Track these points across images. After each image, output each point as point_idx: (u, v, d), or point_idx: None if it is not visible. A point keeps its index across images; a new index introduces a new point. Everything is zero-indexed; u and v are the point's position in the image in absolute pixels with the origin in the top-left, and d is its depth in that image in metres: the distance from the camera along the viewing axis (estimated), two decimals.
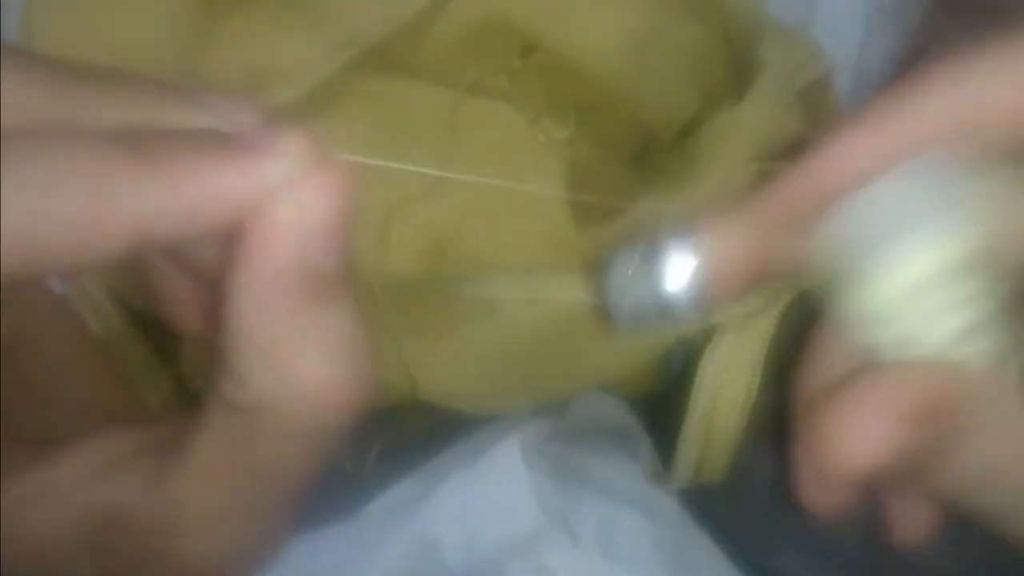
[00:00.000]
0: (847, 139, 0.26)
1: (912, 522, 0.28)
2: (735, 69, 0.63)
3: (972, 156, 0.24)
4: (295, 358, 0.25)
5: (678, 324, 0.27)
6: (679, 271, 0.26)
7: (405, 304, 0.51)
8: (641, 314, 0.27)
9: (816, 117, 0.66)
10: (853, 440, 0.23)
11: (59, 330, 0.34)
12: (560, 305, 0.48)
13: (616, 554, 0.50)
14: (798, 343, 0.43)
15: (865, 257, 0.25)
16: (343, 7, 0.51)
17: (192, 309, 0.32)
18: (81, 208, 0.21)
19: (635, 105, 0.56)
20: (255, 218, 0.24)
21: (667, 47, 0.56)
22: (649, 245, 0.27)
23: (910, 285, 0.24)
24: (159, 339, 0.60)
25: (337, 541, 0.52)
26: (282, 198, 0.23)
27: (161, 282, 0.32)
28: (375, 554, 0.49)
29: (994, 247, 0.24)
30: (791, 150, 0.48)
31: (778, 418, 0.50)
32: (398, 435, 0.58)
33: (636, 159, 0.60)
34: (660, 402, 0.59)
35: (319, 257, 0.24)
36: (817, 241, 0.26)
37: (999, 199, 0.24)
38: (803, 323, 0.48)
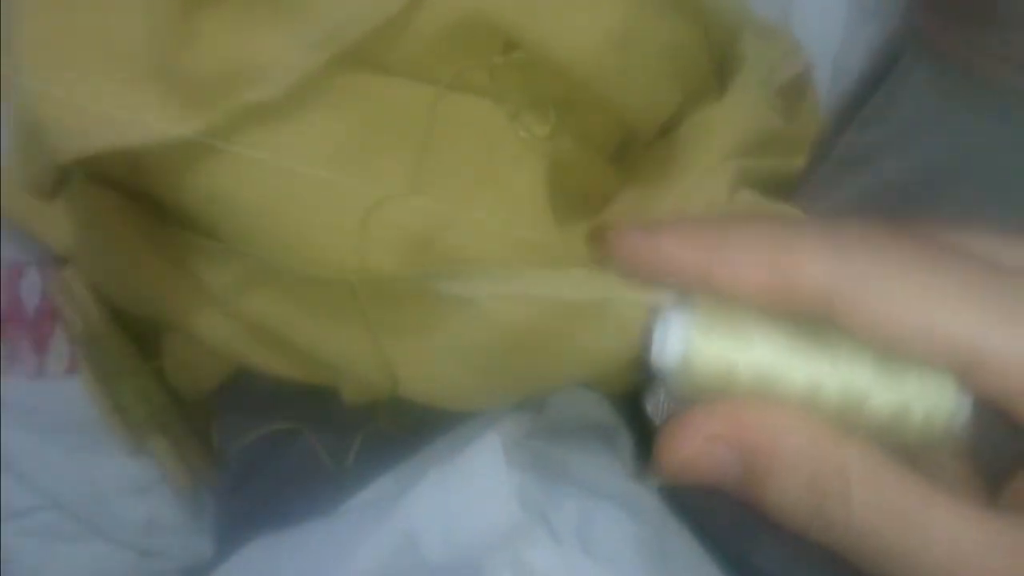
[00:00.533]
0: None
1: None
2: (715, 65, 0.64)
3: None
4: None
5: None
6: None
7: (385, 302, 0.51)
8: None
9: (796, 113, 0.67)
10: (672, 451, 0.27)
11: None
12: (541, 301, 0.48)
13: (596, 549, 0.50)
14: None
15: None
16: (322, 3, 0.51)
17: None
18: None
19: (616, 101, 0.56)
20: None
21: (648, 43, 0.56)
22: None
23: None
24: (140, 335, 0.60)
25: (318, 537, 0.52)
26: None
27: None
28: (355, 549, 0.49)
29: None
30: None
31: None
32: (378, 431, 0.58)
33: (617, 155, 0.60)
34: (641, 398, 0.59)
35: None
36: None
37: None
38: None
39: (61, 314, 0.58)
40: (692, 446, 0.27)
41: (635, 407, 0.60)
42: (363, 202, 0.50)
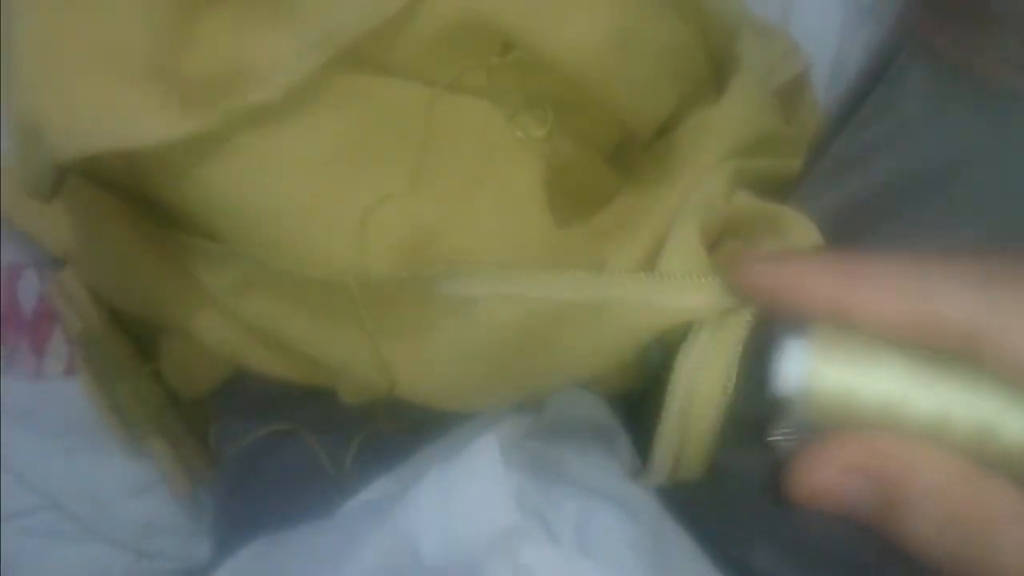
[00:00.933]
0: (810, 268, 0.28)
1: None
2: (713, 66, 0.64)
3: None
4: None
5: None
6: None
7: (383, 303, 0.50)
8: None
9: (794, 114, 0.67)
10: (807, 479, 0.27)
11: None
12: (539, 302, 0.48)
13: (594, 550, 0.50)
14: (774, 340, 0.44)
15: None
16: (320, 5, 0.51)
17: None
18: None
19: (614, 102, 0.56)
20: None
21: (646, 44, 0.56)
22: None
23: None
24: (137, 337, 0.60)
25: (316, 538, 0.52)
26: None
27: None
28: (354, 551, 0.49)
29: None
30: None
31: (756, 415, 0.50)
32: (377, 433, 0.58)
33: (615, 156, 0.60)
34: (639, 398, 0.59)
35: None
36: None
37: None
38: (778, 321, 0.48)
39: (59, 315, 0.58)
40: (827, 475, 0.27)
41: (633, 408, 0.60)
42: (361, 203, 0.50)
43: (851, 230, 0.52)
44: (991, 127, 0.49)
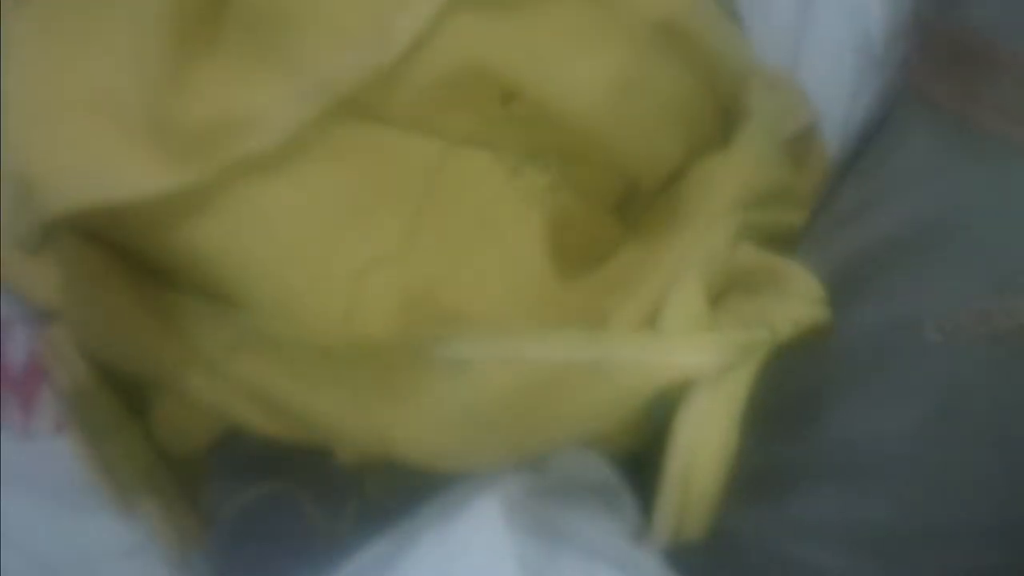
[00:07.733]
0: None
1: None
2: (721, 116, 0.63)
3: None
4: None
5: None
6: None
7: (376, 365, 0.49)
8: None
9: (802, 166, 0.66)
10: None
11: None
12: (535, 364, 0.47)
13: None
14: (777, 399, 0.42)
15: None
16: (317, 53, 0.50)
17: None
18: None
19: (617, 152, 0.56)
20: None
21: (650, 93, 0.55)
22: None
23: None
24: (127, 393, 0.59)
25: None
26: None
27: None
28: None
29: None
30: None
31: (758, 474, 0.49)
32: (373, 494, 0.57)
33: (620, 208, 0.60)
34: (644, 456, 0.58)
35: None
36: None
37: None
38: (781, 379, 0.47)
39: (49, 372, 0.57)
40: None
41: (637, 466, 0.59)
42: (357, 259, 0.49)
43: (854, 283, 0.51)
44: (990, 178, 0.49)
